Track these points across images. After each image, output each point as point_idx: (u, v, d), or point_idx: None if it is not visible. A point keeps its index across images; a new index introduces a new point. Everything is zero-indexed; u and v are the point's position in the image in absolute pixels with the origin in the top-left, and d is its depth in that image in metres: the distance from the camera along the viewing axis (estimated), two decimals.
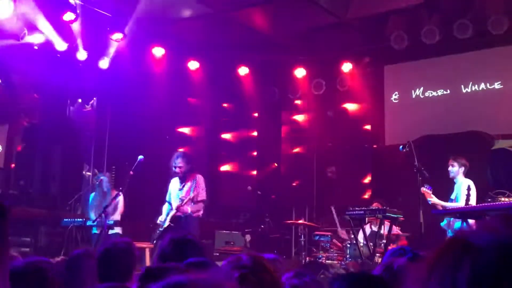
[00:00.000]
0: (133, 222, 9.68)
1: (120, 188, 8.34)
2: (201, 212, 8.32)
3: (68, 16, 9.60)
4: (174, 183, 8.42)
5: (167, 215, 8.26)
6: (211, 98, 12.73)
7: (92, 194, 9.25)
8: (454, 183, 8.23)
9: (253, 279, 2.00)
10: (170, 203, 8.39)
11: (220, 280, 1.11)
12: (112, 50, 10.81)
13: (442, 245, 0.90)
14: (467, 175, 8.19)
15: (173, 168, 8.22)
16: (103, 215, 7.88)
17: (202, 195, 8.27)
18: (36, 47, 10.02)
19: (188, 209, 8.09)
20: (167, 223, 8.16)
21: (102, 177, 9.01)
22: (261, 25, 11.13)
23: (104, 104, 11.70)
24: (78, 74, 10.98)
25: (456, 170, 8.15)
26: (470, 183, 7.98)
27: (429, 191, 8.03)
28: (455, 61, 10.95)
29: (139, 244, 8.27)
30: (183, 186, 8.24)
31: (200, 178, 8.31)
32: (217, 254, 10.16)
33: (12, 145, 11.73)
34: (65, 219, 8.87)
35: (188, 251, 3.08)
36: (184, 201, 8.06)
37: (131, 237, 8.29)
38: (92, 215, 8.56)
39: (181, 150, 8.49)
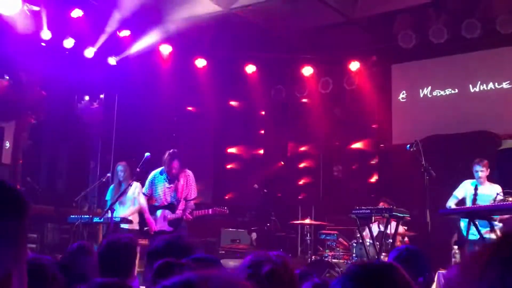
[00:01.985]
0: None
1: (134, 178, 7.97)
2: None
3: (76, 13, 9.64)
4: (159, 179, 7.84)
5: (157, 214, 7.79)
6: (218, 96, 12.71)
7: (111, 187, 9.00)
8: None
9: (282, 276, 2.00)
10: (149, 196, 7.89)
11: (232, 278, 1.06)
12: (121, 48, 10.83)
13: (496, 242, 0.87)
14: (471, 175, 8.14)
15: (169, 171, 7.67)
16: (109, 211, 7.75)
17: (195, 193, 7.84)
18: (43, 44, 10.04)
19: (187, 213, 7.68)
20: (163, 226, 7.71)
21: (117, 168, 8.78)
22: (268, 23, 11.11)
23: (111, 101, 11.72)
24: (85, 71, 11.01)
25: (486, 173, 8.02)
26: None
27: None
28: (463, 60, 10.90)
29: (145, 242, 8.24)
30: (176, 186, 7.74)
31: (190, 174, 7.82)
32: (223, 252, 10.17)
33: (19, 141, 11.77)
34: (71, 216, 8.82)
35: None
36: (189, 209, 7.66)
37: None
38: (116, 207, 8.03)
39: (174, 150, 7.74)
